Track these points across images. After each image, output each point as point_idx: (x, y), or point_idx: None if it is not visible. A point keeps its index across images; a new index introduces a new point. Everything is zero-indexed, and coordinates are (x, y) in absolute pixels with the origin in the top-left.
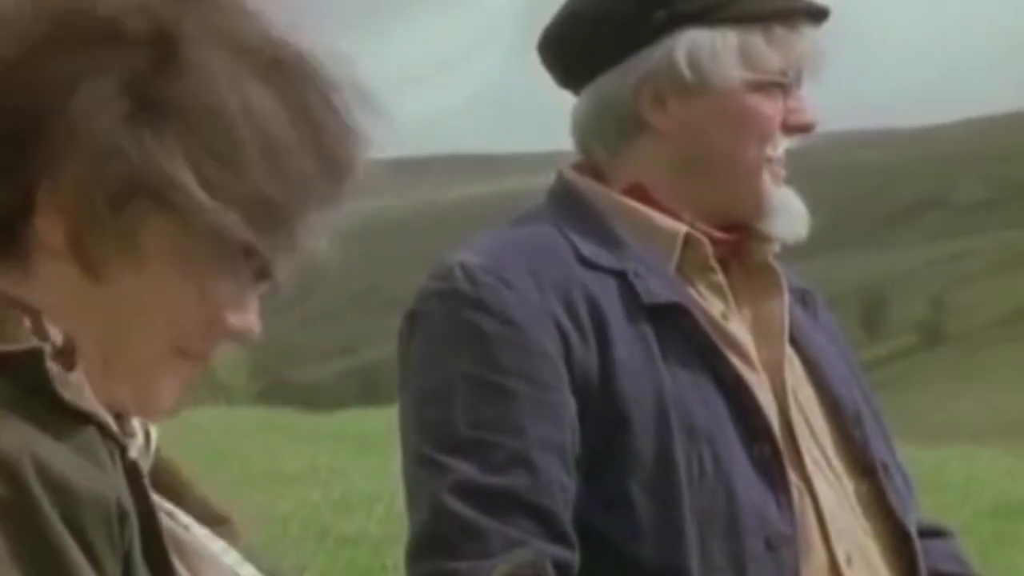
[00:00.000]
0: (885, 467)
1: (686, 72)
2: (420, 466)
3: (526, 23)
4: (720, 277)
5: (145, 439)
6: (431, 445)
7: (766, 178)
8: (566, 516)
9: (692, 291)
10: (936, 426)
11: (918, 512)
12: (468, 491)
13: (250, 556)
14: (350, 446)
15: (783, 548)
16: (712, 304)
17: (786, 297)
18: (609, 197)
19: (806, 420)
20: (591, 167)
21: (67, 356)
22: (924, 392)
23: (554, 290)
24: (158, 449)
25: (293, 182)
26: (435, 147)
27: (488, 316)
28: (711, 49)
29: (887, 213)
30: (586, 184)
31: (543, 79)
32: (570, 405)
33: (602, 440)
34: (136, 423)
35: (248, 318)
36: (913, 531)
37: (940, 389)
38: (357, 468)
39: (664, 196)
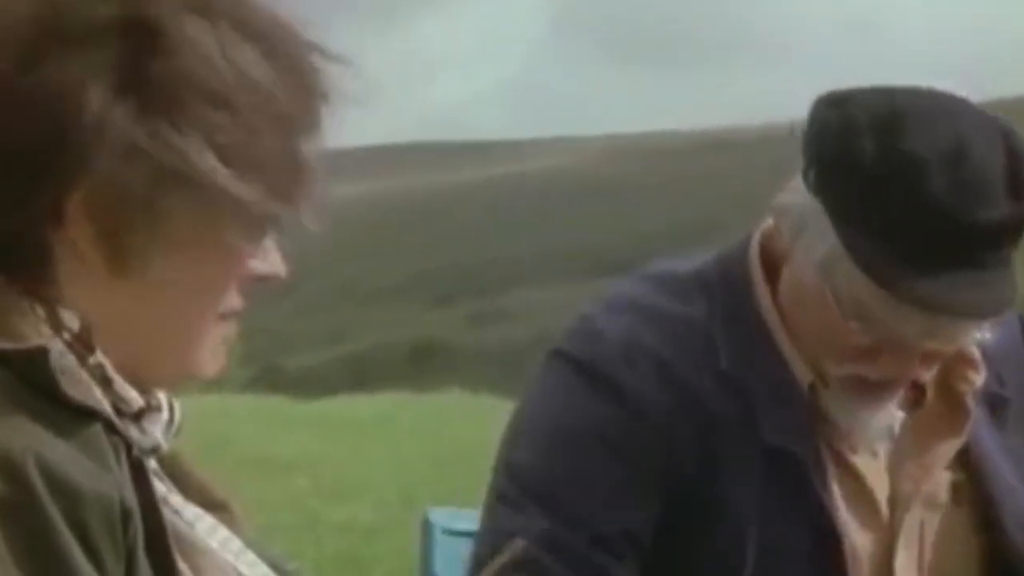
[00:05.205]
0: None
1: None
2: (498, 501)
3: (551, 14)
4: None
5: (170, 414)
6: (515, 486)
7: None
8: None
9: (822, 422)
10: None
11: None
12: (539, 539)
13: (250, 543)
14: (340, 433)
15: None
16: (840, 439)
17: (963, 438)
18: (773, 308)
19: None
20: (777, 249)
21: (85, 341)
22: None
23: (678, 392)
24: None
25: (288, 131)
26: (452, 134)
27: (605, 395)
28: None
29: None
30: (759, 277)
31: (565, 69)
32: (654, 502)
33: (674, 546)
34: (162, 397)
35: (272, 261)
36: None
37: None
38: (347, 455)
39: None
